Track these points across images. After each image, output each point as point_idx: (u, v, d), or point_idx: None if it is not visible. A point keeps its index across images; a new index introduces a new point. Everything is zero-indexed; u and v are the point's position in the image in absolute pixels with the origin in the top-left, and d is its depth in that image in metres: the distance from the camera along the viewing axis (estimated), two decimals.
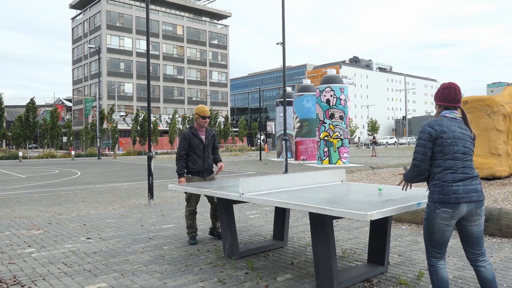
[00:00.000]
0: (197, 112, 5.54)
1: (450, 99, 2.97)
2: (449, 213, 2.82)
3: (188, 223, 5.41)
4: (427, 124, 2.94)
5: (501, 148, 9.45)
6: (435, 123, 2.91)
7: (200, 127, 5.55)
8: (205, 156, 5.52)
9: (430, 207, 2.90)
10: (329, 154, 19.34)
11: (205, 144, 5.52)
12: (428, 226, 2.91)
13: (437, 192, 2.85)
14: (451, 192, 2.81)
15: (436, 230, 2.87)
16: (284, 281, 3.84)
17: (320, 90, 19.71)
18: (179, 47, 69.32)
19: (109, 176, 17.73)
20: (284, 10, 15.71)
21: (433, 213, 2.87)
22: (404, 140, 66.78)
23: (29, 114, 36.60)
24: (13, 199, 10.21)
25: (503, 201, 6.68)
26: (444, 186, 2.83)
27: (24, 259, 4.78)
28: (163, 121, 63.71)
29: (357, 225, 6.30)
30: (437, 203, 2.84)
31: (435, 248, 2.92)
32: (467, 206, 2.81)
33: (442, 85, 3.05)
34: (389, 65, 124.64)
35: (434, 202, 2.86)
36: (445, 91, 2.99)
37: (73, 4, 69.05)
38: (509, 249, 4.76)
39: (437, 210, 2.84)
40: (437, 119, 2.96)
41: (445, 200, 2.81)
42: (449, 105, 2.98)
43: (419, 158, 2.91)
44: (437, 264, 2.93)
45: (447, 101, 2.98)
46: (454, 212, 2.81)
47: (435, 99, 3.05)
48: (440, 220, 2.84)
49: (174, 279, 3.96)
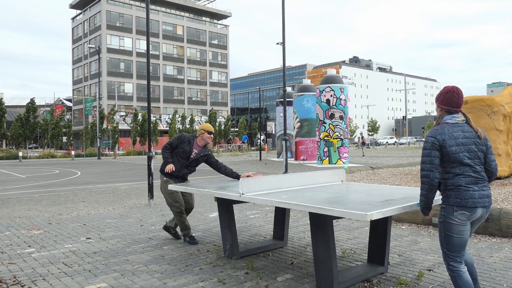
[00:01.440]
0: (203, 128, 5.48)
1: (453, 103, 2.96)
2: (467, 216, 2.83)
3: (182, 226, 5.34)
4: (429, 134, 2.94)
5: (501, 148, 9.45)
6: (437, 132, 2.91)
7: (202, 141, 5.51)
8: (185, 164, 5.45)
9: (446, 210, 2.88)
10: (329, 154, 19.34)
11: (192, 157, 5.45)
12: (445, 229, 2.90)
13: (454, 196, 2.85)
14: (468, 196, 2.81)
15: (454, 232, 2.86)
16: (284, 281, 3.84)
17: (320, 90, 19.71)
18: (179, 47, 69.31)
19: (109, 176, 17.73)
20: (284, 10, 15.71)
21: (450, 215, 2.86)
22: (404, 140, 66.76)
23: (29, 114, 36.59)
24: (13, 199, 10.21)
25: (503, 201, 6.68)
26: (461, 190, 2.83)
27: (24, 259, 4.78)
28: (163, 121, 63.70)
29: (357, 225, 6.30)
30: (455, 206, 2.84)
31: (454, 252, 2.90)
32: (481, 211, 2.84)
33: (445, 88, 3.03)
34: (389, 65, 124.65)
35: (451, 205, 2.85)
36: (448, 95, 2.97)
37: (73, 4, 69.03)
38: (509, 249, 4.76)
39: (455, 213, 2.84)
40: (438, 127, 2.95)
41: (462, 204, 2.82)
42: (451, 109, 2.98)
43: (427, 167, 2.88)
44: (459, 268, 2.90)
45: (449, 105, 2.97)
46: (471, 215, 2.83)
47: (437, 102, 3.04)
48: (458, 222, 2.84)
49: (174, 279, 3.96)
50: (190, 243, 5.30)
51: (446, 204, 2.89)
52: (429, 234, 5.59)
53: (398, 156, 27.71)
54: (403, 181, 10.44)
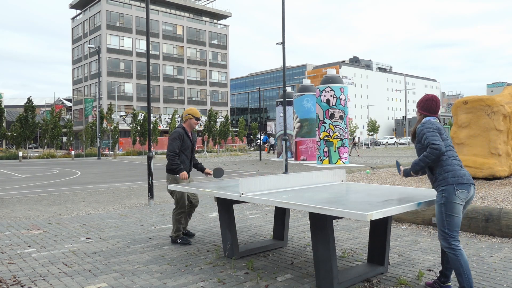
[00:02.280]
0: (190, 113, 5.51)
1: (431, 110, 3.49)
2: (465, 194, 3.18)
3: (179, 227, 5.33)
4: (425, 125, 3.39)
5: (501, 148, 9.45)
6: (432, 121, 3.40)
7: (190, 128, 5.54)
8: (191, 157, 5.55)
9: (447, 190, 3.18)
10: (329, 154, 19.34)
11: (193, 146, 5.55)
12: (447, 210, 3.17)
13: (451, 175, 3.19)
14: (462, 174, 3.21)
15: (455, 211, 3.16)
16: (284, 281, 3.84)
17: (320, 90, 19.71)
18: (179, 47, 69.31)
19: (109, 176, 17.73)
20: (284, 10, 15.71)
21: (451, 195, 3.16)
22: (404, 140, 66.77)
23: (28, 114, 36.59)
24: (13, 199, 10.21)
25: (503, 201, 6.68)
26: (456, 170, 3.23)
27: (24, 259, 4.78)
28: (163, 121, 63.72)
29: (357, 225, 6.30)
30: (455, 185, 3.15)
31: (454, 232, 3.17)
32: (472, 188, 3.23)
33: (426, 96, 3.55)
34: (389, 65, 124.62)
35: (451, 184, 3.16)
36: (429, 103, 3.50)
37: (73, 4, 69.04)
38: (509, 249, 4.76)
39: (456, 192, 3.15)
40: (427, 120, 3.43)
41: (460, 181, 3.15)
42: (429, 114, 3.49)
43: (439, 142, 3.21)
44: (460, 247, 3.18)
45: (429, 111, 3.50)
46: (468, 193, 3.19)
47: (418, 107, 3.53)
48: (458, 201, 3.15)
49: (174, 279, 3.96)
50: (184, 243, 5.26)
51: (446, 185, 3.18)
52: (429, 234, 5.59)
53: (398, 156, 27.71)
54: (403, 181, 10.44)
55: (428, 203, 3.45)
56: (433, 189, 4.92)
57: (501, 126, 9.44)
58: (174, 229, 5.36)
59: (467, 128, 9.94)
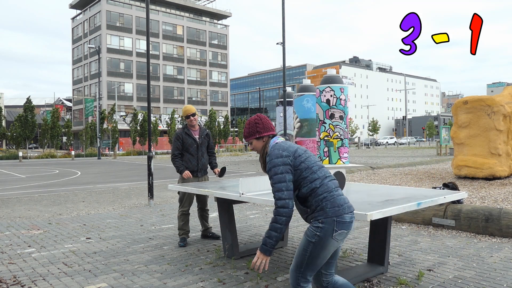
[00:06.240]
0: (182, 114, 5.57)
1: (270, 127, 2.85)
2: (344, 235, 2.68)
3: (180, 224, 5.36)
4: (273, 147, 2.73)
5: (501, 148, 9.45)
6: (280, 145, 2.71)
7: (191, 126, 5.54)
8: (199, 155, 5.49)
9: (324, 229, 2.60)
10: (329, 154, 19.34)
11: (198, 143, 5.49)
12: (315, 251, 2.61)
13: (330, 205, 2.64)
14: (342, 202, 2.69)
15: (323, 255, 2.64)
16: (284, 281, 3.84)
17: (320, 90, 19.70)
18: (179, 47, 69.31)
19: (109, 176, 17.73)
20: (284, 10, 15.72)
21: (327, 236, 2.59)
22: (404, 140, 66.78)
23: (27, 114, 36.59)
24: (13, 199, 10.21)
25: (503, 201, 6.68)
26: (335, 197, 2.67)
27: (24, 259, 4.78)
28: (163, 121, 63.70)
29: (357, 225, 6.30)
30: (335, 221, 2.62)
31: (310, 273, 2.64)
32: (353, 224, 2.75)
33: (253, 120, 2.88)
34: (389, 65, 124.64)
35: (330, 217, 2.60)
36: (263, 121, 2.84)
37: (73, 4, 69.03)
38: (509, 249, 4.76)
39: (334, 233, 2.61)
40: (273, 145, 2.75)
41: (341, 218, 2.65)
42: (273, 133, 2.85)
43: (286, 193, 2.62)
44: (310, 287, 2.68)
45: (270, 130, 2.84)
46: (347, 233, 2.71)
47: (258, 134, 2.82)
48: (333, 243, 2.63)
49: (174, 279, 3.96)
50: (179, 245, 5.26)
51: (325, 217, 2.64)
52: (429, 234, 5.59)
53: (398, 156, 27.70)
54: (403, 181, 10.44)
55: (428, 203, 3.46)
56: (433, 189, 4.92)
57: (501, 126, 9.44)
58: (178, 227, 5.43)
59: (467, 128, 9.93)
